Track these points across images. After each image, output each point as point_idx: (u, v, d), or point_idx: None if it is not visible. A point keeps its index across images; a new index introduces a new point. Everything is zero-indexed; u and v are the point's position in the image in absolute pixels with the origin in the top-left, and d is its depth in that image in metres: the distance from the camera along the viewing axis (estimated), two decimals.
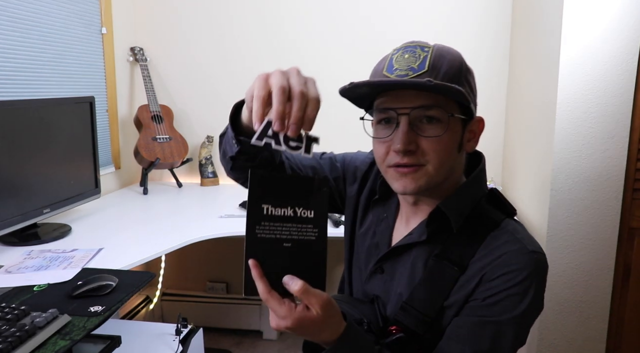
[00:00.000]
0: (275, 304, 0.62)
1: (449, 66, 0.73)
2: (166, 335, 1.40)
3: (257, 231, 0.63)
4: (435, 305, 0.76)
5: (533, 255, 0.73)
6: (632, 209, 1.62)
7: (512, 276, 0.72)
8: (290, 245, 0.64)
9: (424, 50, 0.74)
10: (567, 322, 1.70)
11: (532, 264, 0.73)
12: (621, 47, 1.52)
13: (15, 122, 1.49)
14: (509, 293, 0.72)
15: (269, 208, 0.64)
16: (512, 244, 0.74)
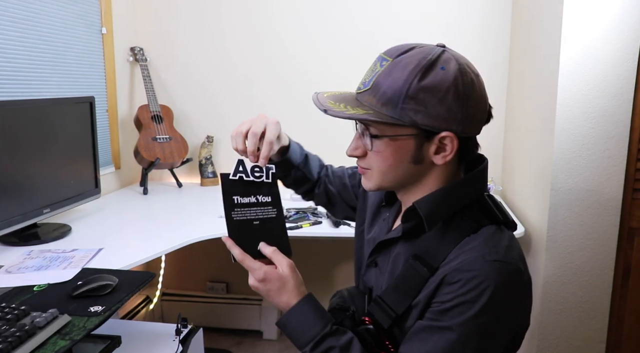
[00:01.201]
0: (250, 261, 0.83)
1: (388, 87, 0.73)
2: (166, 335, 1.40)
3: (233, 215, 0.87)
4: (404, 303, 0.77)
5: (495, 263, 0.72)
6: (632, 209, 1.62)
7: (466, 282, 0.71)
8: (258, 222, 0.87)
9: (382, 64, 0.75)
10: (567, 321, 1.70)
11: (489, 272, 0.71)
12: (621, 47, 1.52)
13: (15, 122, 1.49)
14: (460, 300, 0.71)
15: (237, 199, 0.88)
16: (477, 251, 0.73)
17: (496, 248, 0.74)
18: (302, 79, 2.39)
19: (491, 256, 0.72)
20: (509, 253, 0.75)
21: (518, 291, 0.75)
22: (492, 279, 0.71)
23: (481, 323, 0.71)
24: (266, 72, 2.42)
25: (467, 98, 0.73)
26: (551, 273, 1.68)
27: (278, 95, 2.42)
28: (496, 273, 0.71)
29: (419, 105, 0.72)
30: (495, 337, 0.74)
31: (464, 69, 0.73)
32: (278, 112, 2.44)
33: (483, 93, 0.76)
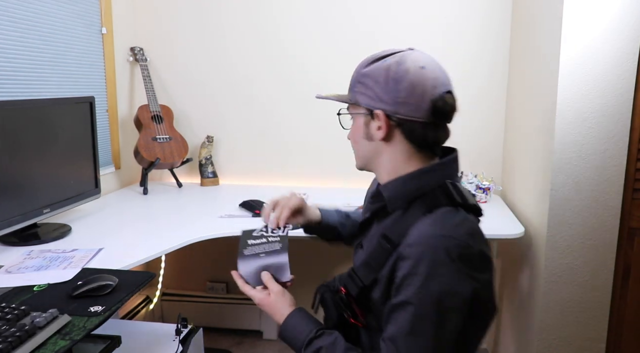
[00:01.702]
0: (248, 290, 1.03)
1: (353, 74, 0.94)
2: (166, 335, 1.40)
3: (244, 252, 1.05)
4: (371, 275, 0.90)
5: (439, 237, 0.80)
6: (632, 209, 1.62)
7: (414, 256, 0.80)
8: (264, 254, 1.03)
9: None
10: (567, 322, 1.70)
11: (433, 244, 0.80)
12: (621, 47, 1.52)
13: (15, 122, 1.49)
14: (410, 272, 0.80)
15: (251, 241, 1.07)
16: (427, 227, 0.83)
17: (444, 225, 0.82)
18: (302, 79, 2.39)
19: (437, 231, 0.81)
20: (455, 229, 0.82)
21: (463, 261, 0.80)
22: (435, 251, 0.79)
23: (431, 293, 0.78)
24: (266, 72, 2.42)
25: (397, 82, 0.86)
26: (551, 273, 1.68)
27: (278, 95, 2.42)
28: (440, 246, 0.79)
29: (363, 87, 0.90)
30: (447, 305, 0.79)
31: (403, 60, 0.87)
32: (278, 112, 2.44)
33: (420, 81, 0.86)
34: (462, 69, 2.27)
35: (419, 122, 0.87)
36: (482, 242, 0.84)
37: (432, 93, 0.86)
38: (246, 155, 2.51)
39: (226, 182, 2.52)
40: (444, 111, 0.87)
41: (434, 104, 0.86)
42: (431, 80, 0.86)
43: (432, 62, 0.89)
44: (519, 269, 1.98)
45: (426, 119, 0.87)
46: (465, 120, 2.30)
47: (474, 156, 2.32)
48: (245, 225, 1.77)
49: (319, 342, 0.89)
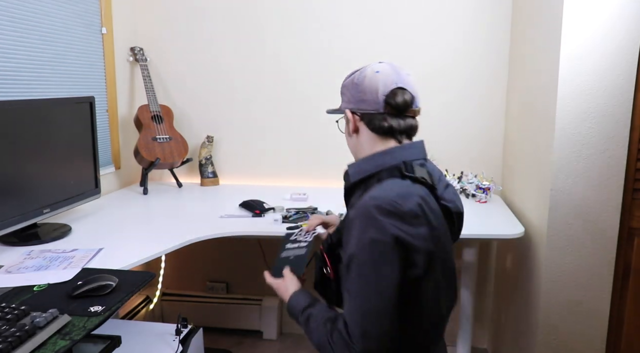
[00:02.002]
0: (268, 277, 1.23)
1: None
2: (166, 335, 1.40)
3: (282, 255, 1.27)
4: (337, 236, 1.09)
5: (373, 199, 0.96)
6: (632, 209, 1.62)
7: (354, 218, 0.98)
8: (292, 257, 1.25)
9: None
10: (567, 321, 1.70)
11: (364, 205, 0.96)
12: (621, 46, 1.52)
13: (15, 122, 1.49)
14: (351, 231, 0.97)
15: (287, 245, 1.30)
16: (369, 193, 0.99)
17: (380, 190, 0.98)
18: (302, 79, 2.39)
19: (372, 194, 0.98)
20: (388, 192, 0.97)
21: (389, 216, 0.94)
22: (367, 209, 0.96)
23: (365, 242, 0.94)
24: (266, 72, 2.42)
25: (357, 86, 1.08)
26: (551, 273, 1.68)
27: (278, 95, 2.42)
28: (371, 205, 0.96)
29: (342, 96, 1.14)
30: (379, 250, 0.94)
31: (364, 69, 1.08)
32: (278, 112, 2.44)
33: (374, 82, 1.05)
34: (462, 69, 2.27)
35: (375, 114, 1.06)
36: (414, 203, 0.96)
37: (383, 90, 1.05)
38: (246, 155, 2.51)
39: (226, 182, 2.52)
40: (395, 103, 1.04)
41: (385, 98, 1.05)
42: (383, 80, 1.05)
43: (388, 68, 1.07)
44: (519, 269, 1.98)
45: (381, 111, 1.05)
46: (465, 120, 2.30)
47: (474, 156, 2.32)
48: (245, 225, 1.78)
49: (310, 310, 1.07)
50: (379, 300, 0.93)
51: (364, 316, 0.94)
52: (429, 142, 1.13)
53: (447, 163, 2.28)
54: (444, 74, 2.29)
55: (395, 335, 0.95)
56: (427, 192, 1.01)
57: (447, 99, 2.30)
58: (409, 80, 1.08)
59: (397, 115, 1.06)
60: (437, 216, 1.00)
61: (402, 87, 1.05)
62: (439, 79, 2.29)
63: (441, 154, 2.30)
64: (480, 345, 2.47)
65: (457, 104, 2.30)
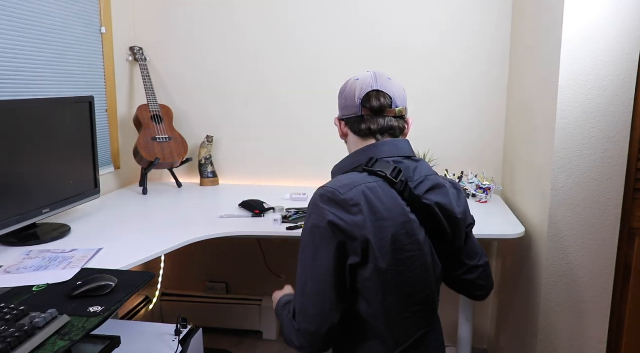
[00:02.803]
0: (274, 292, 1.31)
1: None
2: (166, 335, 1.40)
3: None
4: None
5: (321, 189, 1.05)
6: (633, 209, 1.62)
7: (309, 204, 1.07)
8: None
9: None
10: (568, 322, 1.70)
11: (314, 196, 1.06)
12: (622, 46, 1.52)
13: (14, 122, 1.49)
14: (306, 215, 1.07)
15: None
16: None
17: (332, 181, 1.07)
18: (302, 79, 2.39)
19: (324, 185, 1.06)
20: (335, 182, 1.06)
21: (327, 203, 1.02)
22: (314, 197, 1.06)
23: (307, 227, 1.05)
24: (266, 72, 2.41)
25: (341, 94, 1.18)
26: (551, 273, 1.68)
27: (278, 94, 2.42)
28: (317, 193, 1.05)
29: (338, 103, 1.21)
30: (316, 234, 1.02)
31: (349, 79, 1.18)
32: (278, 112, 2.44)
33: (352, 89, 1.14)
34: (463, 69, 2.27)
35: (355, 117, 1.14)
36: (356, 193, 1.02)
37: (359, 94, 1.12)
38: (246, 155, 2.50)
39: (226, 182, 2.52)
40: (370, 105, 1.11)
41: (361, 102, 1.12)
42: (360, 86, 1.13)
43: (368, 75, 1.15)
44: (519, 269, 1.98)
45: (359, 114, 1.13)
46: (465, 120, 2.30)
47: (475, 156, 2.32)
48: (245, 225, 1.77)
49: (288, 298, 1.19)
50: (317, 283, 1.02)
51: (303, 297, 1.04)
52: (429, 142, 1.14)
53: (448, 163, 2.28)
54: (444, 75, 2.28)
55: (335, 318, 1.03)
56: (384, 184, 1.05)
57: (447, 99, 2.30)
58: (388, 84, 1.14)
59: (375, 116, 1.12)
60: (388, 207, 1.03)
61: (377, 89, 1.11)
62: (439, 80, 2.29)
63: (442, 154, 2.30)
64: (480, 345, 2.46)
65: (458, 104, 2.30)
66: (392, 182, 1.05)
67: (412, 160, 1.12)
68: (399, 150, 1.12)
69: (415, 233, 1.05)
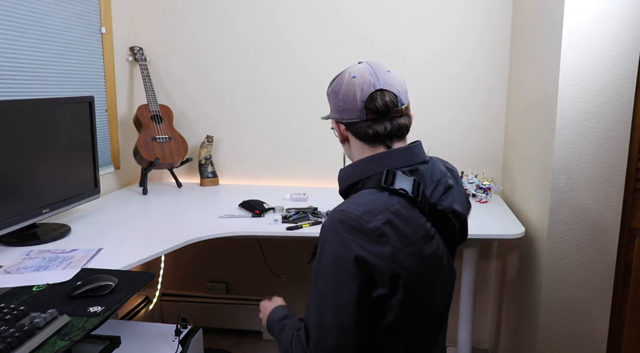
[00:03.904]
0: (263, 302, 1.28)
1: None
2: (166, 335, 1.40)
3: None
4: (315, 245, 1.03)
5: (339, 212, 0.94)
6: (633, 209, 1.62)
7: (322, 229, 0.96)
8: None
9: None
10: (568, 322, 1.70)
11: (331, 217, 0.94)
12: (622, 46, 1.52)
13: (14, 122, 1.49)
14: (319, 247, 0.95)
15: None
16: (340, 205, 0.97)
17: (350, 202, 0.96)
18: (302, 79, 2.39)
19: (341, 207, 0.95)
20: (357, 205, 0.94)
21: (352, 232, 0.91)
22: (332, 222, 0.94)
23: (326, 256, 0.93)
24: (266, 72, 2.41)
25: (337, 94, 1.04)
26: (551, 273, 1.68)
27: (278, 94, 2.42)
28: (336, 218, 0.93)
29: (329, 104, 1.09)
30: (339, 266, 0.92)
31: (342, 75, 1.05)
32: (278, 112, 2.44)
33: (351, 89, 1.01)
34: (462, 69, 2.27)
35: (359, 122, 1.02)
36: (381, 220, 0.92)
37: (361, 96, 1.00)
38: (246, 155, 2.50)
39: (226, 182, 2.52)
40: (375, 108, 1.00)
41: (365, 105, 1.00)
42: (360, 85, 1.01)
43: (365, 70, 1.02)
44: (519, 269, 1.98)
45: (364, 118, 1.01)
46: (465, 120, 2.30)
47: (475, 156, 2.32)
48: (245, 225, 1.77)
49: (286, 321, 1.12)
50: (337, 315, 0.92)
51: (320, 329, 0.94)
52: (430, 142, 1.12)
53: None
54: (443, 75, 2.28)
55: (355, 348, 0.93)
56: (406, 204, 0.96)
57: (447, 99, 2.30)
58: (389, 78, 1.02)
59: (381, 119, 1.01)
60: (413, 230, 0.95)
61: (380, 88, 1.00)
62: (439, 80, 2.29)
63: (442, 154, 2.29)
64: (480, 345, 2.46)
65: (458, 104, 2.30)
66: (413, 200, 0.97)
67: (425, 164, 1.05)
68: (415, 157, 1.03)
69: (437, 248, 1.00)
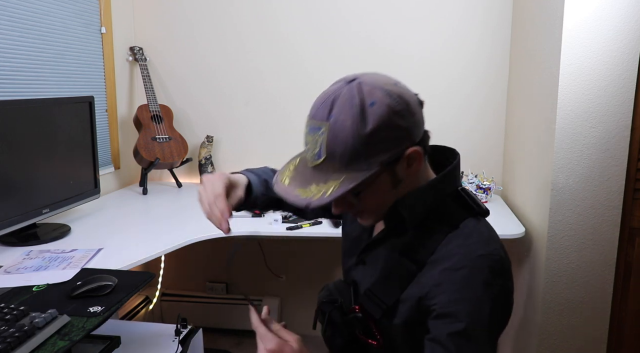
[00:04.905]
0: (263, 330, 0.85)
1: (343, 150, 0.75)
2: (166, 335, 1.39)
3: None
4: (393, 296, 0.83)
5: (481, 258, 0.78)
6: (633, 209, 1.62)
7: (461, 280, 0.77)
8: None
9: (321, 133, 0.76)
10: (568, 322, 1.70)
11: (479, 266, 0.77)
12: (622, 46, 1.52)
13: (14, 122, 1.49)
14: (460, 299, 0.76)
15: None
16: (463, 248, 0.79)
17: (479, 243, 0.80)
18: (303, 79, 2.38)
19: (477, 252, 0.78)
20: (490, 244, 0.81)
21: (504, 277, 0.80)
22: (481, 272, 0.77)
23: (484, 315, 0.76)
24: (266, 72, 2.41)
25: (405, 113, 0.76)
26: (551, 274, 1.68)
27: (278, 94, 2.42)
28: (483, 266, 0.77)
29: (377, 147, 0.75)
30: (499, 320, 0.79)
31: (388, 91, 0.76)
32: (278, 111, 2.44)
33: (411, 96, 0.79)
34: (462, 69, 2.27)
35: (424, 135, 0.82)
36: (504, 248, 0.83)
37: (413, 98, 0.80)
38: (246, 155, 2.50)
39: None
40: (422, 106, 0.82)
41: (420, 105, 0.81)
42: (405, 88, 0.80)
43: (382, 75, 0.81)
44: (519, 269, 1.98)
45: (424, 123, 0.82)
46: (465, 120, 2.30)
47: (475, 156, 2.32)
48: (245, 225, 1.77)
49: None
50: None
51: None
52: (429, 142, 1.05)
53: None
54: (443, 75, 2.28)
55: None
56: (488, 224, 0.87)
57: (447, 99, 2.29)
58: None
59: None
60: None
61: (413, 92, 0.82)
62: (440, 80, 2.28)
63: None
64: None
65: (458, 104, 2.30)
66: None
67: None
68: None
69: None
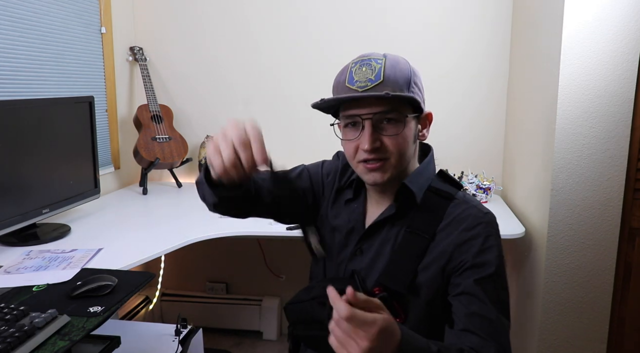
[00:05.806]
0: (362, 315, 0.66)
1: (400, 75, 0.89)
2: (166, 335, 1.40)
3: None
4: (411, 268, 0.91)
5: (487, 215, 0.93)
6: (633, 209, 1.62)
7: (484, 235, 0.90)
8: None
9: (378, 62, 0.89)
10: (568, 322, 1.70)
11: (488, 221, 0.92)
12: (622, 46, 1.52)
13: (14, 122, 1.49)
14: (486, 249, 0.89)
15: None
16: (470, 212, 0.93)
17: (479, 205, 0.95)
18: (303, 79, 2.38)
19: (482, 210, 0.94)
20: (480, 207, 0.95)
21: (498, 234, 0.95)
22: (493, 225, 0.93)
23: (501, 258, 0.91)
24: (266, 72, 2.41)
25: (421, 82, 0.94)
26: (551, 273, 1.68)
27: (278, 94, 2.42)
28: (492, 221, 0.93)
29: (417, 89, 0.91)
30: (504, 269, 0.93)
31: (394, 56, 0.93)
32: (278, 111, 2.44)
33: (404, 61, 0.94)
34: (463, 69, 2.27)
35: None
36: None
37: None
38: None
39: None
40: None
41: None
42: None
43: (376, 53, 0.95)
44: (519, 269, 1.98)
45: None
46: (465, 119, 2.30)
47: (475, 156, 2.32)
48: (245, 225, 1.77)
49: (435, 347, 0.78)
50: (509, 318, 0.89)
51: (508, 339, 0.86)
52: (429, 142, 1.08)
53: (448, 163, 2.28)
54: (444, 75, 2.28)
55: None
56: None
57: (448, 99, 2.29)
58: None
59: None
60: None
61: None
62: (440, 80, 2.28)
63: (441, 154, 2.28)
64: None
65: (458, 104, 2.30)
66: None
67: None
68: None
69: None
